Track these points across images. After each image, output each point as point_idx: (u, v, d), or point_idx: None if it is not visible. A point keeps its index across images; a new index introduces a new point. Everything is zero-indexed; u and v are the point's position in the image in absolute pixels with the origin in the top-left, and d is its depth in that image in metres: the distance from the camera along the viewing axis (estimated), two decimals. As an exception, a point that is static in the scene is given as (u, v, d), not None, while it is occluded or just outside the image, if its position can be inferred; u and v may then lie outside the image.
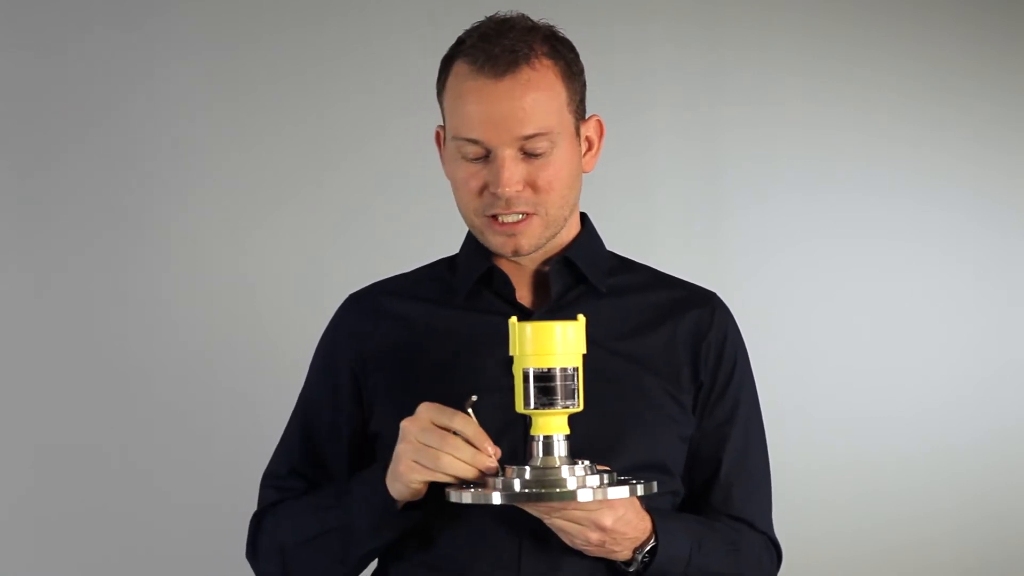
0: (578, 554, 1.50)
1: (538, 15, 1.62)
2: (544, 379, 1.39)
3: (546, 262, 1.60)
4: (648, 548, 1.48)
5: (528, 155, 1.51)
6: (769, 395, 1.71)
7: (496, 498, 1.37)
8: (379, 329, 1.62)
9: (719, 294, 1.70)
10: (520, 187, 1.51)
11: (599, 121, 1.61)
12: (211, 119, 2.52)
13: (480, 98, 1.50)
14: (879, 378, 2.92)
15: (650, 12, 2.81)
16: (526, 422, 1.45)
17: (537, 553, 1.51)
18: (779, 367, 2.75)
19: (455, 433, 1.40)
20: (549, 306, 1.58)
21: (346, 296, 1.68)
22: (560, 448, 1.40)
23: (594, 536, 1.43)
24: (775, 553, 1.65)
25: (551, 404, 1.38)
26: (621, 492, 1.38)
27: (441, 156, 1.61)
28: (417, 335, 1.58)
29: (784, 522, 1.71)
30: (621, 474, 1.45)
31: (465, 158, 1.52)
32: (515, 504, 1.40)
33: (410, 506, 1.49)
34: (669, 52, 2.81)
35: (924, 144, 2.99)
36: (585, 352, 1.41)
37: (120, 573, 2.43)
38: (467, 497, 1.39)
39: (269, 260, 2.55)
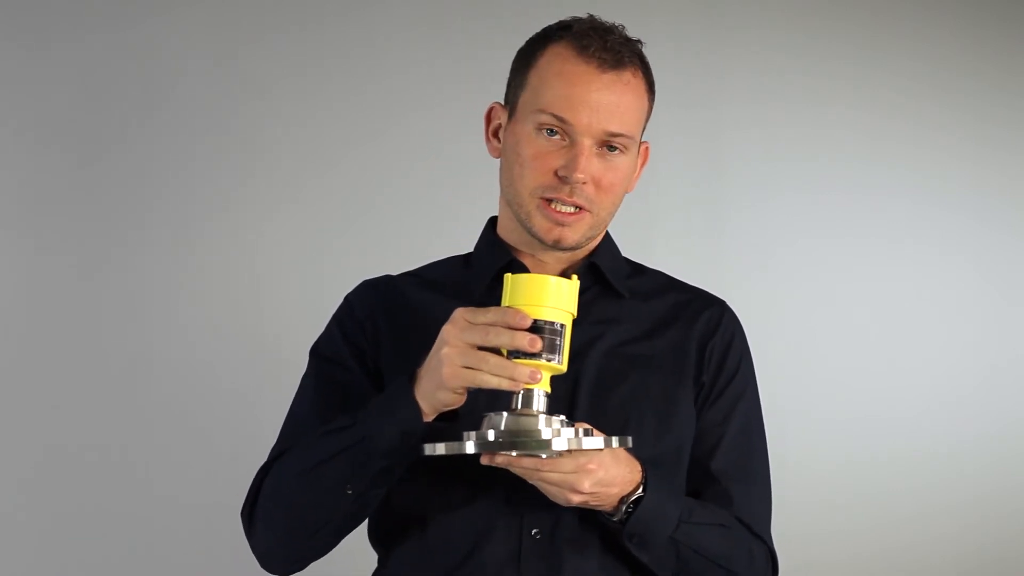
0: (581, 554, 1.51)
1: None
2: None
3: (569, 266, 1.63)
4: (634, 499, 1.47)
5: (603, 154, 1.55)
6: (769, 395, 1.71)
7: (470, 447, 1.36)
8: (395, 313, 1.63)
9: (720, 295, 1.71)
10: (588, 180, 1.54)
11: (647, 148, 1.67)
12: (212, 119, 2.52)
13: (582, 83, 1.53)
14: (879, 378, 2.92)
15: (650, 12, 2.81)
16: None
17: (538, 552, 1.51)
18: (779, 367, 2.75)
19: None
20: None
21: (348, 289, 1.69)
22: (539, 403, 1.38)
23: (574, 498, 1.43)
24: (771, 561, 1.63)
25: (534, 355, 1.36)
26: (596, 443, 1.37)
27: (488, 132, 1.63)
28: (430, 325, 1.53)
29: (784, 522, 1.71)
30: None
31: (542, 136, 1.54)
32: (489, 454, 1.38)
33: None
34: (669, 52, 2.80)
35: (924, 144, 2.99)
36: (575, 316, 1.40)
37: (120, 573, 2.43)
38: (440, 448, 1.37)
39: (270, 261, 2.54)
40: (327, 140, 2.59)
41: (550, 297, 1.38)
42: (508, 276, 1.40)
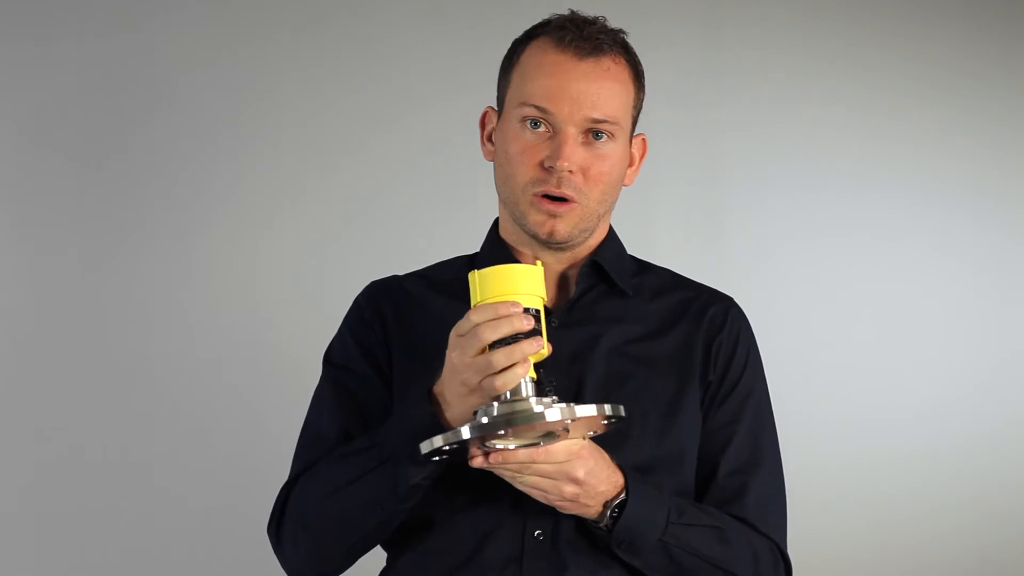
0: (582, 555, 1.50)
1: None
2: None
3: (572, 265, 1.62)
4: (617, 502, 1.46)
5: (589, 142, 1.54)
6: (769, 395, 1.71)
7: (465, 432, 1.35)
8: (403, 314, 1.63)
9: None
10: (574, 168, 1.53)
11: (644, 140, 1.66)
12: (213, 119, 2.52)
13: (560, 72, 1.53)
14: (879, 378, 2.92)
15: (650, 12, 2.80)
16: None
17: (541, 553, 1.51)
18: (779, 367, 2.73)
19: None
20: (568, 305, 1.60)
21: (356, 291, 1.68)
22: (527, 389, 1.38)
23: (568, 489, 1.42)
24: (782, 561, 1.61)
25: (514, 340, 1.35)
26: (588, 410, 1.36)
27: (483, 137, 1.63)
28: (438, 326, 1.53)
29: (785, 521, 1.70)
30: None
31: (527, 130, 1.54)
32: (483, 456, 1.38)
33: None
34: (669, 52, 2.81)
35: (924, 144, 2.99)
36: (545, 300, 1.40)
37: (120, 573, 2.43)
38: (438, 441, 1.37)
39: (271, 261, 2.54)
40: (327, 140, 2.59)
41: (519, 285, 1.38)
42: (473, 273, 1.40)
